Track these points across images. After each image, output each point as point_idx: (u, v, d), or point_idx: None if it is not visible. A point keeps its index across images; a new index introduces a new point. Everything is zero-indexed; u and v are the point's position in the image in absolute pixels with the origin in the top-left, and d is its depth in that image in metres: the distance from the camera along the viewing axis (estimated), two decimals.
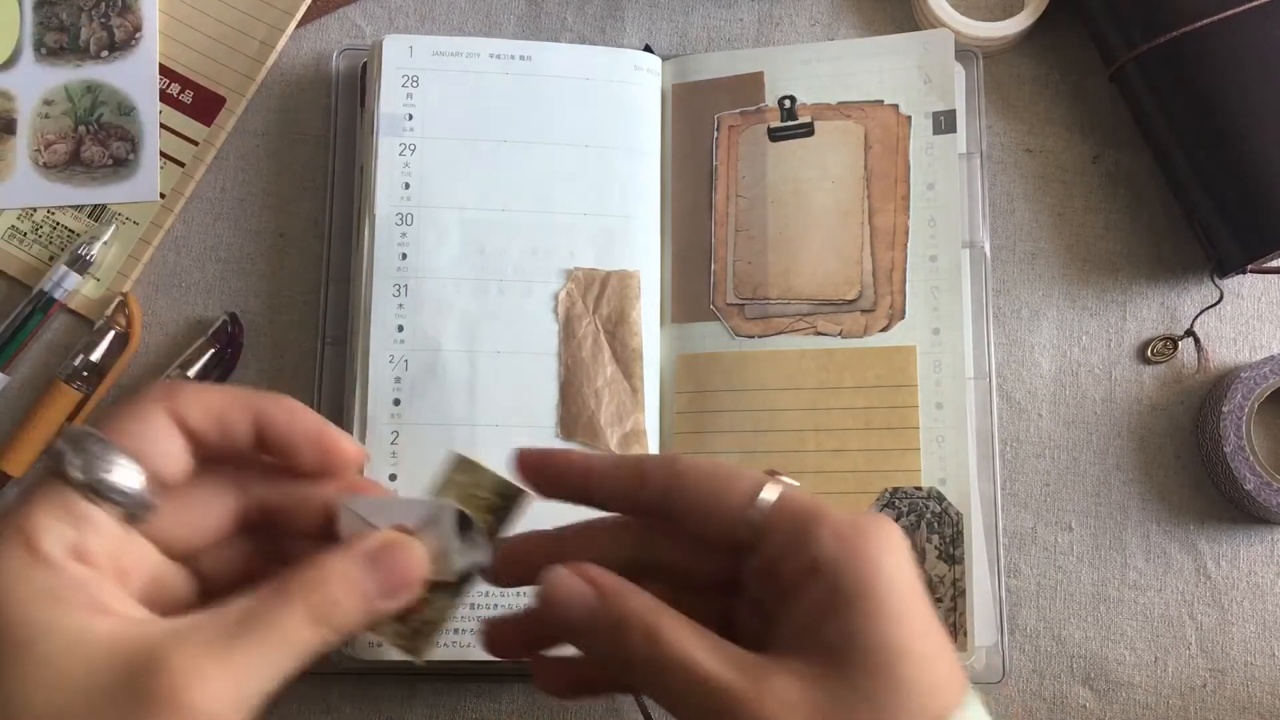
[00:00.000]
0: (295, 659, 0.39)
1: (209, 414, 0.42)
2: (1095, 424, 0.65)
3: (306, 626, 0.39)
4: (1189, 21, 0.61)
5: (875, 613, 0.41)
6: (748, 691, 0.40)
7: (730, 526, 0.44)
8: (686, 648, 0.41)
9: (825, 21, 0.69)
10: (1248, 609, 0.63)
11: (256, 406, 0.43)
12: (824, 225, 0.64)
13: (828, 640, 0.41)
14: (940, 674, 0.41)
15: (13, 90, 0.66)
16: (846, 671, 0.41)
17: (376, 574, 0.41)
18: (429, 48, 0.64)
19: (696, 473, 0.45)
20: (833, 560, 0.42)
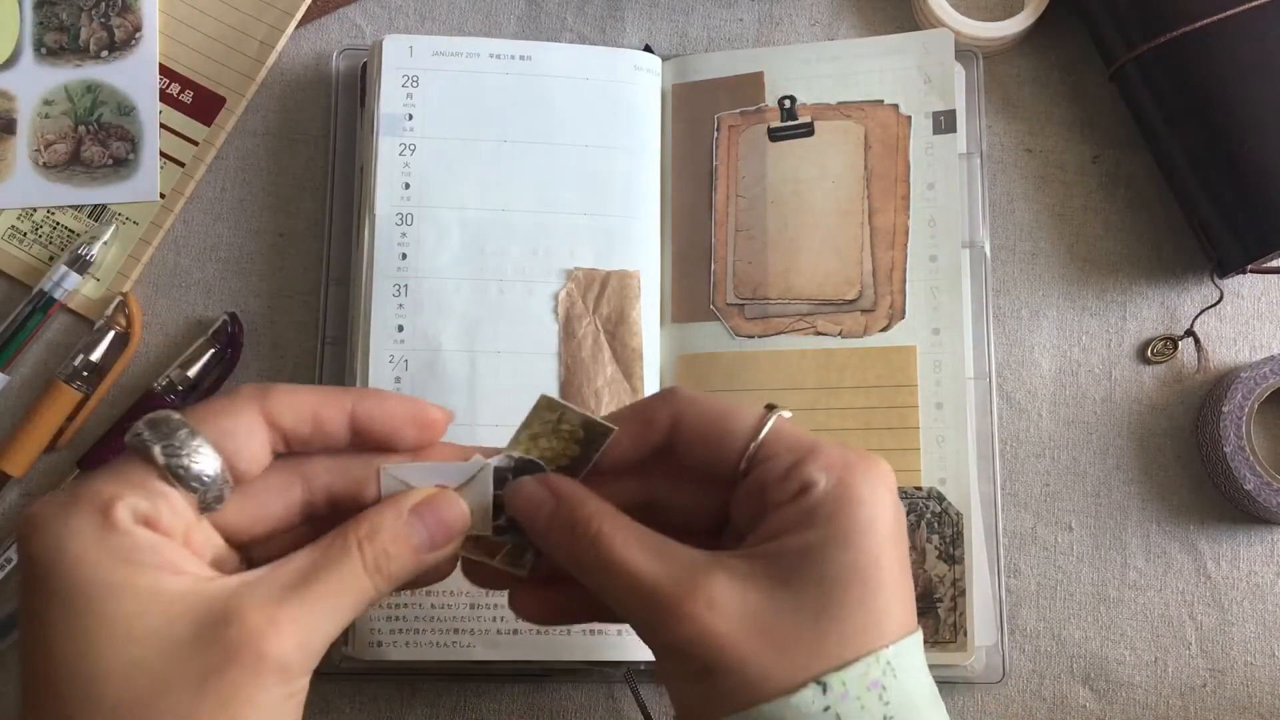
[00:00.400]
0: (356, 608, 0.42)
1: (302, 414, 0.44)
2: (1095, 424, 0.65)
3: (364, 576, 0.42)
4: (1189, 21, 0.61)
5: (840, 535, 0.42)
6: (677, 590, 0.42)
7: (731, 460, 0.45)
8: (626, 548, 0.43)
9: (825, 21, 0.69)
10: (1248, 609, 0.63)
11: (349, 403, 0.45)
12: (824, 225, 0.64)
13: (786, 549, 0.42)
14: (884, 608, 0.42)
15: (13, 90, 0.66)
16: (791, 579, 0.42)
17: (420, 526, 0.44)
18: (429, 48, 0.64)
19: (698, 409, 0.46)
20: (818, 485, 0.43)
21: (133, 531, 0.40)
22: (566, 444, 0.46)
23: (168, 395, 0.63)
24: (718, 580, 0.42)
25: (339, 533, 0.43)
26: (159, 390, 0.63)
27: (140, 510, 0.40)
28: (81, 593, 0.39)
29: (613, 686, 0.63)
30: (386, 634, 0.59)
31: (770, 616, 0.41)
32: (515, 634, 0.59)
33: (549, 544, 0.45)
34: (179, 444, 0.41)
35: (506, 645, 0.59)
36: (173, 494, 0.41)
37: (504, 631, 0.59)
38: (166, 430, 0.42)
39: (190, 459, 0.41)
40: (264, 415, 0.44)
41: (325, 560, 0.42)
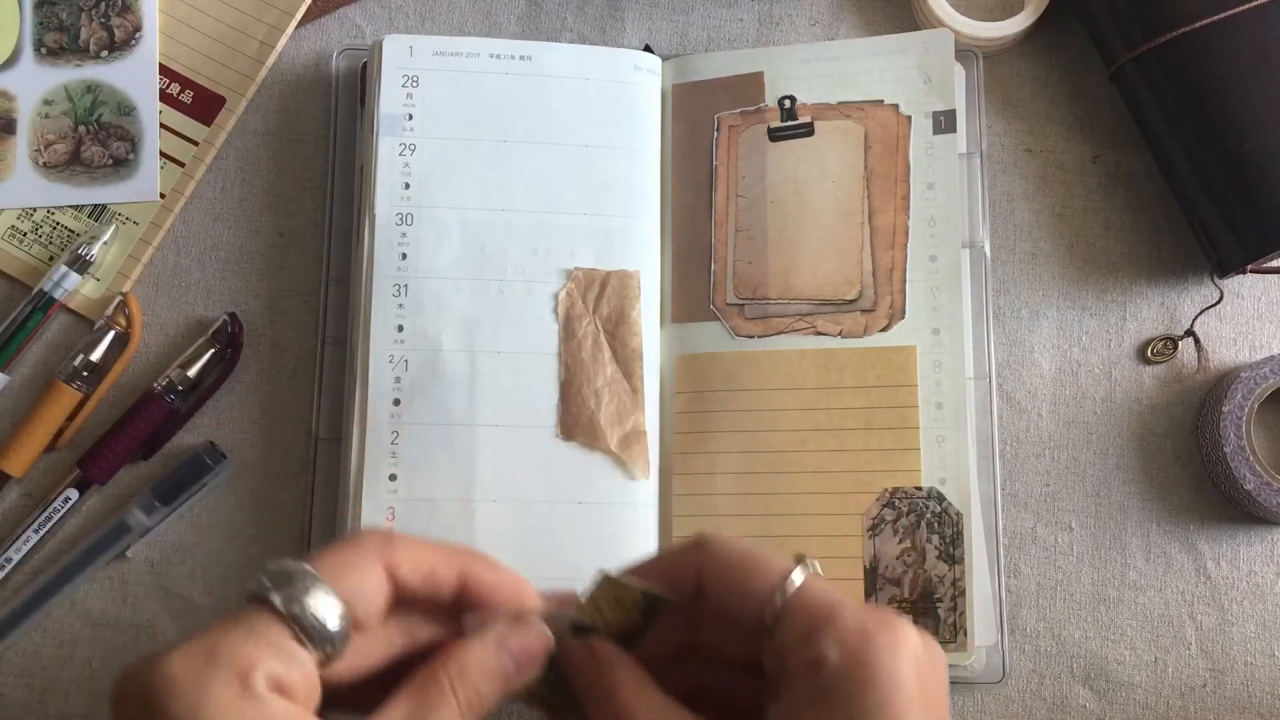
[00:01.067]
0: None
1: (420, 569, 0.44)
2: (1095, 424, 0.65)
3: (462, 712, 0.43)
4: (1189, 21, 0.61)
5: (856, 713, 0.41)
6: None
7: (756, 612, 0.44)
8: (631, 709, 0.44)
9: (825, 21, 0.69)
10: (1248, 609, 0.63)
11: (464, 564, 0.46)
12: (824, 225, 0.64)
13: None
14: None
15: (13, 90, 0.66)
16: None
17: (507, 656, 0.45)
18: (429, 48, 0.64)
19: (723, 561, 0.45)
20: (833, 660, 0.42)
21: (270, 700, 0.39)
22: (629, 613, 0.46)
23: (168, 395, 0.63)
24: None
25: (430, 676, 0.43)
26: (159, 390, 0.63)
27: (276, 676, 0.40)
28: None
29: None
30: None
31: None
32: None
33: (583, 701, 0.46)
34: (311, 601, 0.41)
35: None
36: (300, 652, 0.41)
37: None
38: (298, 585, 0.41)
39: (322, 617, 0.41)
40: (385, 565, 0.44)
41: (423, 710, 0.42)
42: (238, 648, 0.39)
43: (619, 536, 0.60)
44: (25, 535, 0.62)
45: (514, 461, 0.61)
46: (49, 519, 0.62)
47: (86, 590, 0.63)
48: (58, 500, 0.63)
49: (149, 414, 0.63)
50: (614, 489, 0.61)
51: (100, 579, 0.63)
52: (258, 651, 0.40)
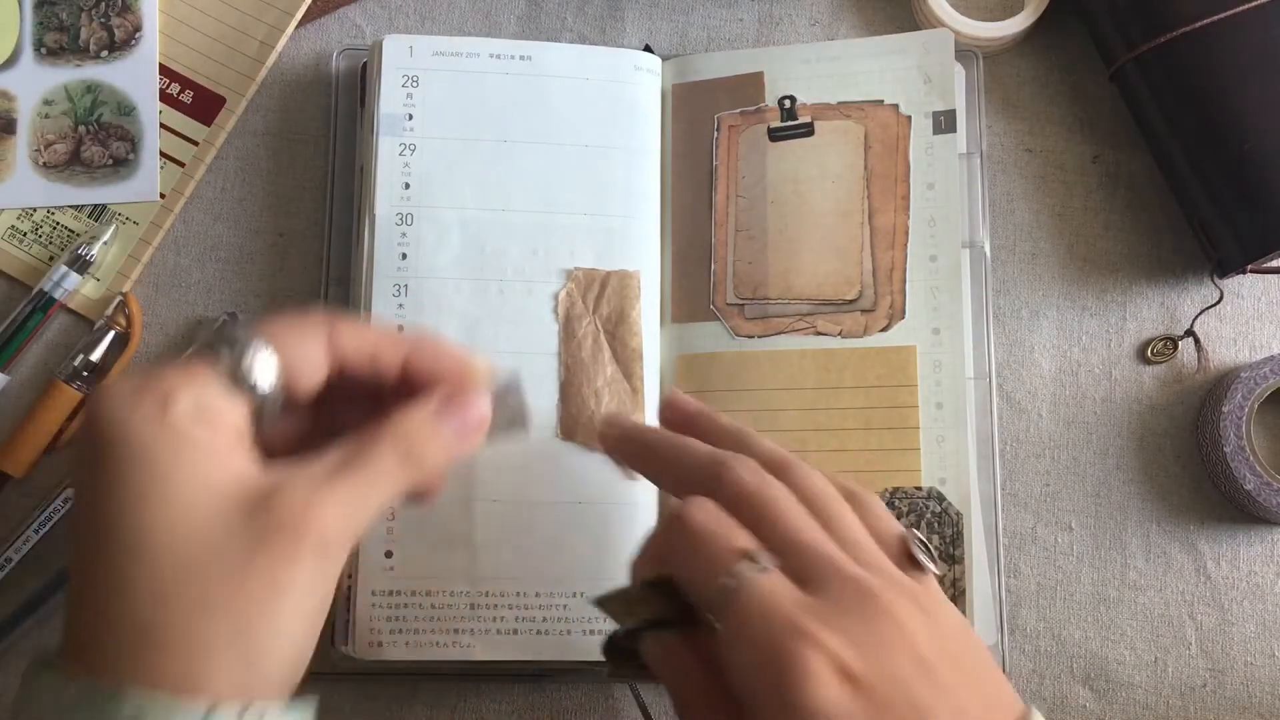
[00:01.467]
0: (391, 493, 0.45)
1: (363, 347, 0.48)
2: (1095, 424, 0.65)
3: (397, 466, 0.45)
4: (1189, 21, 0.61)
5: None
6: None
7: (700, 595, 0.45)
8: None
9: (825, 21, 0.69)
10: (1248, 609, 0.63)
11: (408, 346, 0.49)
12: (824, 225, 0.64)
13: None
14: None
15: (13, 90, 0.66)
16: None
17: (447, 419, 0.47)
18: (429, 48, 0.64)
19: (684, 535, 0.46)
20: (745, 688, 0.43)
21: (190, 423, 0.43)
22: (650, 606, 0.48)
23: None
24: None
25: (372, 429, 0.46)
26: None
27: (200, 408, 0.43)
28: (142, 467, 0.42)
29: (613, 686, 0.63)
30: (387, 634, 0.59)
31: None
32: (515, 634, 0.59)
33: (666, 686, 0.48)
34: (247, 351, 0.45)
35: (506, 645, 0.59)
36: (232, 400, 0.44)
37: (504, 631, 0.59)
38: (238, 337, 0.45)
39: (255, 368, 0.45)
40: (330, 342, 0.47)
41: (360, 451, 0.45)
42: (167, 379, 0.43)
43: (619, 536, 0.60)
44: (25, 535, 0.62)
45: (514, 461, 0.61)
46: (49, 519, 0.62)
47: None
48: (58, 500, 0.63)
49: None
50: (614, 489, 0.61)
51: None
52: (185, 384, 0.43)
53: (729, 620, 0.43)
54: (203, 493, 0.42)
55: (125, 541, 0.41)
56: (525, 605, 0.60)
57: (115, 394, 0.43)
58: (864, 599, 0.43)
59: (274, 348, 0.45)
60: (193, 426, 0.43)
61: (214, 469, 0.43)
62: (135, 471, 0.42)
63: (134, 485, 0.42)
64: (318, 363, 0.47)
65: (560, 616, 0.59)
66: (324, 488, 0.43)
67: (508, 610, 0.60)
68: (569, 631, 0.59)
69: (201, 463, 0.42)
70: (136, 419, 0.42)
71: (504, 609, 0.60)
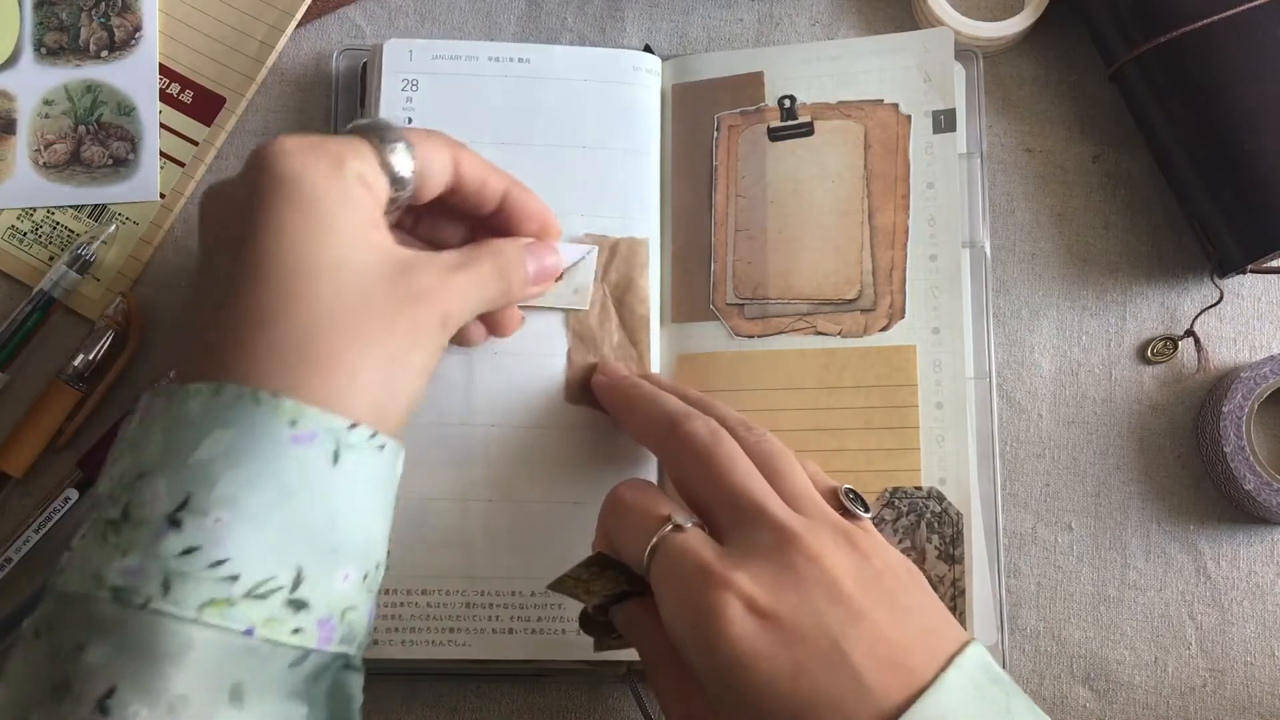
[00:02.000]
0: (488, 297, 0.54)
1: (477, 174, 0.55)
2: (1095, 424, 0.65)
3: (494, 277, 0.54)
4: (1189, 21, 0.61)
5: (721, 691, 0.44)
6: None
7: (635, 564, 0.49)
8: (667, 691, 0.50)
9: (825, 21, 0.69)
10: (1248, 609, 0.63)
11: (510, 184, 0.57)
12: (824, 225, 0.64)
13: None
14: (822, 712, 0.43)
15: (13, 90, 0.66)
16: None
17: (530, 259, 0.57)
18: (428, 52, 0.64)
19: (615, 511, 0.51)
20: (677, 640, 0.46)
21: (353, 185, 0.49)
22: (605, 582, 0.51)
23: None
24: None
25: (477, 245, 0.55)
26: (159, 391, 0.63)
27: (361, 174, 0.50)
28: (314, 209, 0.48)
29: (613, 686, 0.63)
30: (383, 633, 0.59)
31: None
32: (510, 633, 0.59)
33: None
34: (395, 145, 0.51)
35: (502, 644, 0.59)
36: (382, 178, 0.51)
37: (499, 631, 0.59)
38: (388, 132, 0.52)
39: (400, 160, 0.51)
40: (453, 157, 0.54)
41: (472, 258, 0.53)
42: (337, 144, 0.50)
43: None
44: (25, 535, 0.62)
45: (512, 461, 0.61)
46: (49, 519, 0.62)
47: None
48: (58, 500, 0.63)
49: None
50: None
51: None
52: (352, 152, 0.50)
53: (654, 579, 0.47)
54: (361, 244, 0.49)
55: (294, 267, 0.47)
56: (520, 605, 0.60)
57: (293, 146, 0.49)
58: (784, 539, 0.46)
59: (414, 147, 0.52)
60: (356, 186, 0.49)
61: (370, 228, 0.49)
62: (307, 211, 0.47)
63: (305, 223, 0.47)
64: (444, 171, 0.54)
65: (555, 616, 0.60)
66: (449, 275, 0.51)
67: (503, 609, 0.60)
68: (564, 631, 0.59)
69: (361, 219, 0.49)
70: (312, 168, 0.48)
71: (499, 608, 0.60)
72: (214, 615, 0.43)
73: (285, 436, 0.45)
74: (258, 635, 0.44)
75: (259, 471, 0.44)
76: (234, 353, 0.46)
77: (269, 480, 0.44)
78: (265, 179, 0.48)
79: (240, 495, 0.44)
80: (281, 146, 0.48)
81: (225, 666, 0.43)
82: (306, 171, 0.48)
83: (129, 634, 0.42)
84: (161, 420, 0.46)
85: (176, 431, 0.45)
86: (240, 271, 0.47)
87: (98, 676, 0.42)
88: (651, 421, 0.55)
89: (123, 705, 0.41)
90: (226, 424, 0.45)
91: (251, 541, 0.44)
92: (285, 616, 0.44)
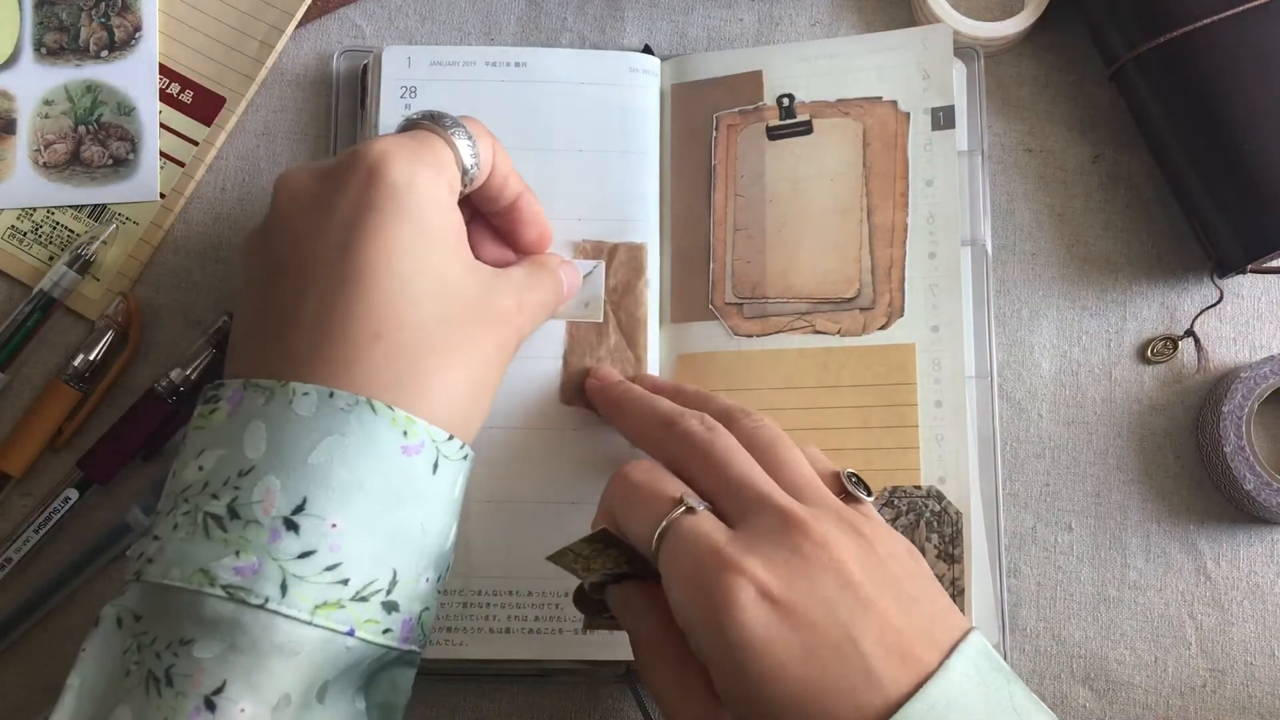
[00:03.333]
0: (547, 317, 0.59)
1: (505, 169, 0.57)
2: (1095, 424, 0.65)
3: (554, 300, 0.58)
4: (1189, 21, 0.61)
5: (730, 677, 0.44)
6: None
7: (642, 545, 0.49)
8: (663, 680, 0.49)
9: (825, 22, 0.69)
10: (1248, 609, 0.63)
11: (523, 189, 0.58)
12: (823, 223, 0.64)
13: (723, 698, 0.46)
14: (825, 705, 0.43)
15: (13, 90, 0.66)
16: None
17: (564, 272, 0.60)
18: (427, 58, 0.64)
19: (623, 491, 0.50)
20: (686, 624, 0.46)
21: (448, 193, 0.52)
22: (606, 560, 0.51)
23: (169, 396, 0.63)
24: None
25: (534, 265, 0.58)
26: (159, 390, 0.63)
27: (453, 180, 0.52)
28: (424, 217, 0.50)
29: (612, 686, 0.63)
30: None
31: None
32: (507, 633, 0.60)
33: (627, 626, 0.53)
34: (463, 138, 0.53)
35: (499, 644, 0.59)
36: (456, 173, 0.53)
37: (496, 630, 0.60)
38: (454, 125, 0.53)
39: (466, 151, 0.53)
40: (492, 148, 0.55)
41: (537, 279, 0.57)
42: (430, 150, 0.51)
43: None
44: (25, 535, 0.62)
45: (509, 462, 0.61)
46: (49, 519, 0.62)
47: (86, 590, 0.63)
48: (58, 500, 0.63)
49: (149, 414, 0.63)
50: None
51: (100, 579, 0.63)
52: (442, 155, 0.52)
53: (664, 562, 0.47)
54: (455, 257, 0.51)
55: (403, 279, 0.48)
56: (518, 604, 0.60)
57: (398, 151, 0.50)
58: (791, 526, 0.46)
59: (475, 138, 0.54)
60: (453, 201, 0.52)
61: (463, 244, 0.52)
62: (413, 220, 0.49)
63: (412, 233, 0.49)
64: (489, 159, 0.55)
65: (553, 615, 0.60)
66: (523, 296, 0.54)
67: (501, 609, 0.60)
68: (561, 630, 0.59)
69: (456, 228, 0.52)
70: (420, 175, 0.50)
71: (496, 608, 0.60)
72: (325, 617, 0.44)
73: (397, 446, 0.47)
74: (357, 636, 0.45)
75: (373, 479, 0.46)
76: (342, 360, 0.47)
77: (381, 488, 0.46)
78: (377, 189, 0.49)
79: (354, 501, 0.46)
80: (388, 151, 0.50)
81: (324, 665, 0.45)
82: (416, 180, 0.50)
83: (244, 634, 0.44)
84: (262, 416, 0.47)
85: (286, 430, 0.46)
86: (343, 277, 0.48)
87: (208, 671, 0.43)
88: (646, 424, 0.55)
89: (231, 701, 0.43)
90: (343, 430, 0.46)
91: (361, 546, 0.46)
92: (380, 617, 0.46)
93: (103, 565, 0.63)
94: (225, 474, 0.46)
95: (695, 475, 0.50)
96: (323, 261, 0.49)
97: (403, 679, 0.50)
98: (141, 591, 0.46)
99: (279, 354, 0.48)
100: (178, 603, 0.45)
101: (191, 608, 0.44)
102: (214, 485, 0.46)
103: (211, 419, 0.48)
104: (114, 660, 0.45)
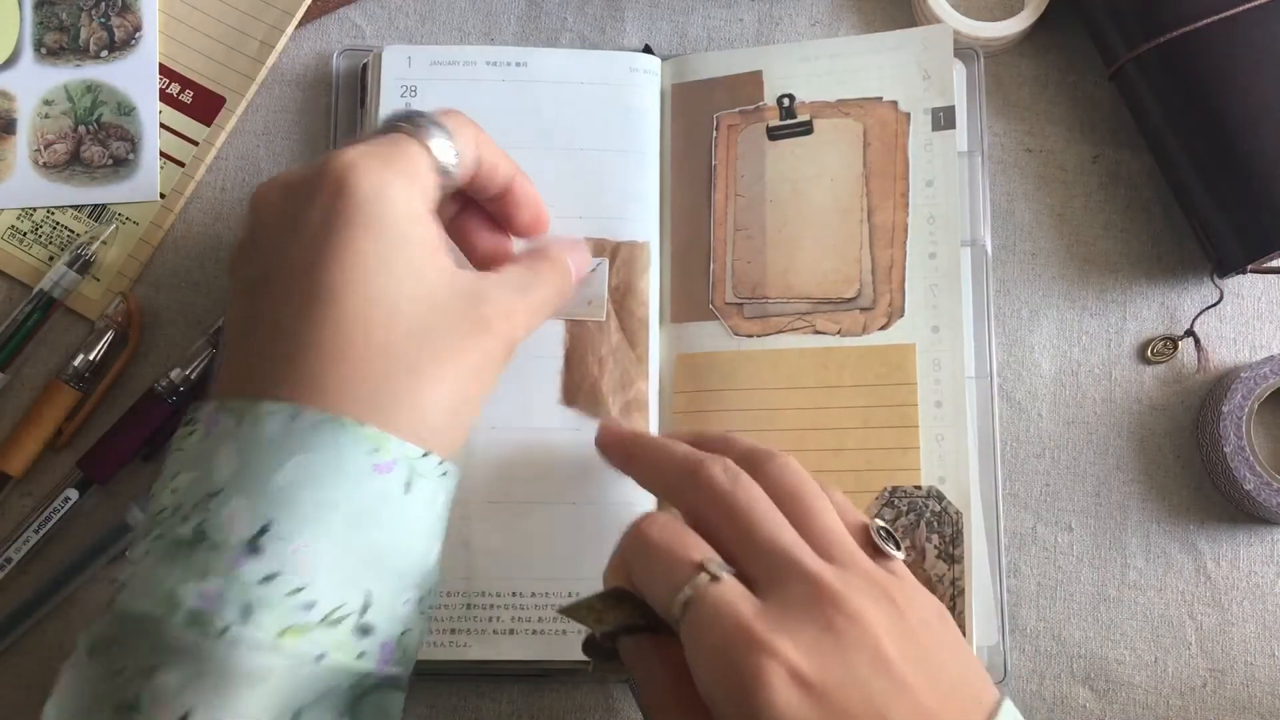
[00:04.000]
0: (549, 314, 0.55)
1: (493, 157, 0.55)
2: (1095, 424, 0.65)
3: (557, 295, 0.55)
4: (1189, 21, 0.61)
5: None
6: None
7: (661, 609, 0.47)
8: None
9: (826, 22, 0.69)
10: (1248, 609, 0.63)
11: (515, 171, 0.56)
12: (823, 223, 0.64)
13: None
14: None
15: (13, 90, 0.66)
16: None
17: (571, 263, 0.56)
18: (427, 57, 0.64)
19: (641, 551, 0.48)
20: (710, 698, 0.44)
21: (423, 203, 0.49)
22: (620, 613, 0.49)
23: (169, 396, 0.63)
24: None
25: (537, 260, 0.55)
26: (159, 390, 0.63)
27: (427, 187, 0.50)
28: (391, 236, 0.47)
29: (612, 687, 0.63)
30: None
31: None
32: (511, 634, 0.59)
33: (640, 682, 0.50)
34: (440, 137, 0.51)
35: (502, 645, 0.59)
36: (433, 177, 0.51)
37: (499, 631, 0.59)
38: (430, 125, 0.51)
39: (443, 151, 0.51)
40: (475, 140, 0.53)
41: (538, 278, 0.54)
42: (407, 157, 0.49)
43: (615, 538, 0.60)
44: (25, 535, 0.62)
45: (510, 463, 0.61)
46: (49, 519, 0.62)
47: (86, 590, 0.63)
48: (58, 500, 0.63)
49: (149, 414, 0.63)
50: (610, 490, 0.60)
51: (101, 579, 0.63)
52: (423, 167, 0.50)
53: (687, 632, 0.45)
54: (431, 268, 0.48)
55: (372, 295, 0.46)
56: (521, 605, 0.60)
57: (366, 163, 0.48)
58: (823, 599, 0.44)
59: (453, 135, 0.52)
60: (427, 208, 0.49)
61: (440, 253, 0.49)
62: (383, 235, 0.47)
63: (380, 248, 0.47)
64: (471, 154, 0.53)
65: (555, 617, 0.60)
66: (517, 300, 0.51)
67: (503, 610, 0.60)
68: (564, 631, 0.59)
69: (431, 239, 0.49)
70: (390, 187, 0.48)
71: (500, 609, 0.60)
72: (291, 642, 0.43)
73: (368, 465, 0.45)
74: (328, 660, 0.44)
75: (341, 499, 0.45)
76: (310, 377, 0.46)
77: (350, 508, 0.45)
78: (344, 203, 0.47)
79: (322, 522, 0.44)
80: (353, 163, 0.48)
81: (295, 691, 0.43)
82: (386, 193, 0.48)
83: (206, 661, 0.42)
84: (233, 437, 0.45)
85: (253, 452, 0.45)
86: (312, 294, 0.46)
87: (171, 702, 0.42)
88: (665, 471, 0.52)
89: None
90: (309, 449, 0.44)
91: (329, 569, 0.44)
92: (353, 641, 0.45)
93: (103, 565, 0.63)
94: (195, 497, 0.45)
95: (719, 531, 0.48)
96: (295, 278, 0.47)
97: (391, 704, 0.48)
98: (114, 620, 0.44)
99: (258, 372, 0.47)
100: (143, 630, 0.43)
101: (156, 635, 0.43)
102: (185, 508, 0.45)
103: (188, 441, 0.47)
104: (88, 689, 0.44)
